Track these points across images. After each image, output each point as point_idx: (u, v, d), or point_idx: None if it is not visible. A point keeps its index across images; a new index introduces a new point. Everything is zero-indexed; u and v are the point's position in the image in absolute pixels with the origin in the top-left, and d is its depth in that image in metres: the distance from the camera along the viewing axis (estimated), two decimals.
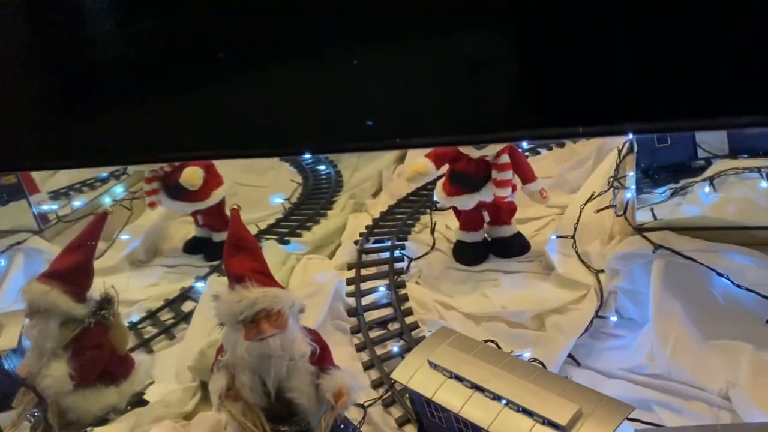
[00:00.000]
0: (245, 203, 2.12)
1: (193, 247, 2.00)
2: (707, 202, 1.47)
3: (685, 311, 1.26)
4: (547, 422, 0.92)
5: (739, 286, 1.23)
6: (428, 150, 1.60)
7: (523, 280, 1.58)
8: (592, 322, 1.34)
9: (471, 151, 1.53)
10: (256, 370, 1.08)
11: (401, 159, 2.37)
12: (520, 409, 0.96)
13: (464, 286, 1.61)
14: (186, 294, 1.73)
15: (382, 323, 1.48)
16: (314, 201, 2.15)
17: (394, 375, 1.13)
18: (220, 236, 1.96)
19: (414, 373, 1.10)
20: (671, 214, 1.39)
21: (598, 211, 1.57)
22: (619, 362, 1.26)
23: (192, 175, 1.76)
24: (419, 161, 1.57)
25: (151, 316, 1.67)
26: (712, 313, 1.26)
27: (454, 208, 1.71)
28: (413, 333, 1.43)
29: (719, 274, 1.25)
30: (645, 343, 1.26)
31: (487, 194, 1.58)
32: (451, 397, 1.03)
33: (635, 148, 1.69)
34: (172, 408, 1.31)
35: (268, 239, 1.88)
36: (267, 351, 1.05)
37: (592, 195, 1.62)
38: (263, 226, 2.02)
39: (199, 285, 1.74)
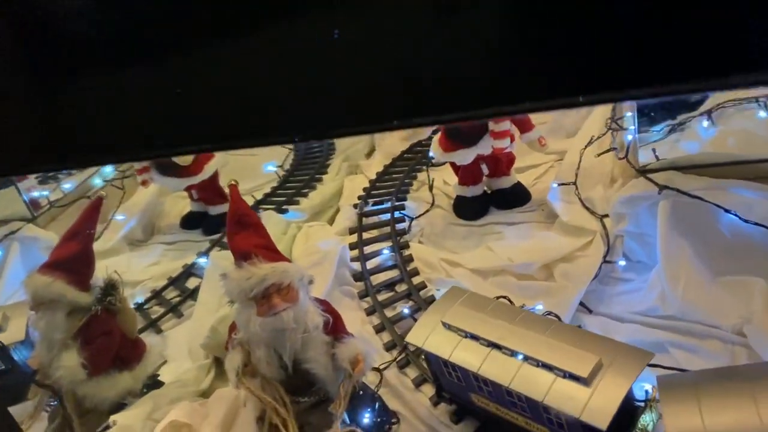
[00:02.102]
0: (238, 174, 2.08)
1: (190, 222, 1.98)
2: (706, 136, 1.45)
3: (694, 250, 1.25)
4: (568, 375, 0.92)
5: (746, 221, 1.23)
6: None
7: (527, 231, 1.57)
8: (600, 268, 1.34)
9: None
10: (271, 345, 1.08)
11: None
12: (540, 364, 0.96)
13: (468, 242, 1.60)
14: (189, 271, 1.72)
15: (389, 285, 1.48)
16: (308, 166, 2.12)
17: (409, 338, 1.12)
18: (217, 209, 1.94)
19: (429, 335, 1.09)
20: (672, 153, 1.37)
21: (599, 155, 1.55)
22: (630, 306, 1.27)
23: None
24: None
25: (156, 295, 1.66)
26: (721, 250, 1.25)
27: (452, 164, 1.69)
28: (421, 293, 1.42)
29: (726, 211, 1.24)
30: (655, 285, 1.26)
31: (485, 147, 1.56)
32: (468, 357, 1.03)
33: None
34: (189, 387, 1.31)
35: (266, 209, 1.86)
36: (280, 325, 1.05)
37: (591, 139, 1.60)
38: (259, 195, 2.00)
39: (202, 261, 1.72)
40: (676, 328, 1.18)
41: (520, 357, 0.98)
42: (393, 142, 2.14)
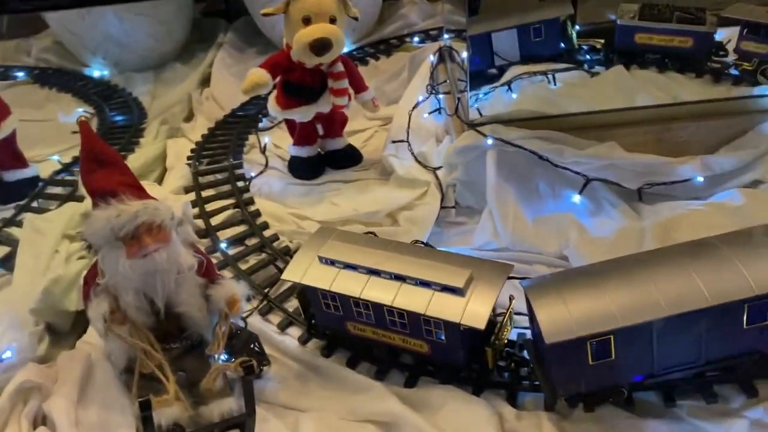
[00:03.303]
0: (35, 141, 1.89)
1: None
2: (505, 105, 1.66)
3: (517, 192, 1.44)
4: (445, 288, 1.02)
5: (557, 166, 1.45)
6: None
7: (365, 186, 1.65)
8: (438, 213, 1.47)
9: (306, 60, 1.53)
10: (141, 289, 1.02)
11: (206, 82, 2.27)
12: (418, 282, 1.04)
13: (309, 198, 1.64)
14: None
15: (239, 240, 1.46)
16: (119, 131, 1.97)
17: (286, 275, 1.14)
18: (13, 175, 1.72)
19: (306, 270, 1.12)
20: (490, 111, 1.56)
21: (430, 113, 1.69)
22: (469, 243, 1.42)
23: None
24: (255, 71, 1.53)
25: None
26: (539, 191, 1.46)
27: (288, 124, 1.71)
28: (275, 245, 1.43)
29: (541, 157, 1.45)
30: (487, 225, 1.43)
31: (325, 104, 1.61)
32: (349, 285, 1.08)
33: (447, 58, 1.84)
34: (23, 354, 1.17)
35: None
36: (153, 266, 1.00)
37: (418, 102, 1.74)
38: (67, 159, 1.81)
39: (7, 230, 1.52)
40: (509, 257, 1.35)
41: (401, 279, 1.05)
42: (211, 107, 2.09)
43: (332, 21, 1.50)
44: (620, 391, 0.99)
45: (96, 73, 2.38)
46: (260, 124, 1.94)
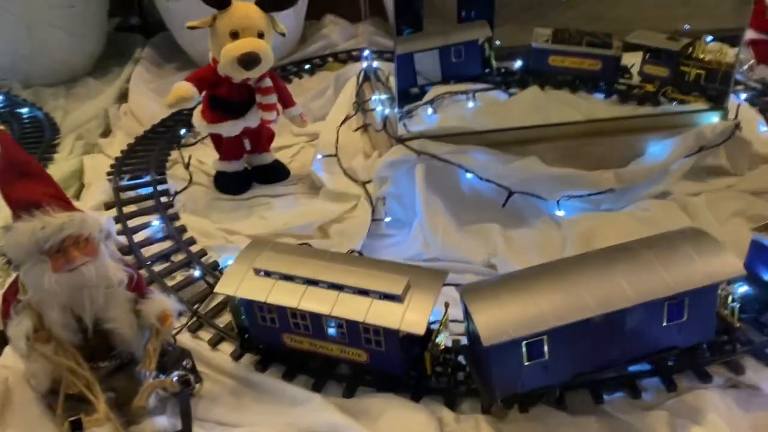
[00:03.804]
0: None
1: None
2: (430, 122, 1.71)
3: (445, 204, 1.48)
4: (383, 296, 1.03)
5: (482, 179, 1.50)
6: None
7: (294, 201, 1.65)
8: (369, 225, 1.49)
9: (234, 75, 1.52)
10: (68, 305, 0.97)
11: (123, 97, 2.20)
12: (357, 291, 1.05)
13: (237, 213, 1.61)
14: None
15: (165, 256, 1.42)
16: (29, 147, 1.88)
17: (219, 288, 1.12)
18: None
19: (240, 283, 1.10)
20: (417, 127, 1.59)
21: (356, 130, 1.71)
22: (400, 254, 1.43)
23: None
24: (180, 85, 1.49)
25: None
26: (465, 203, 1.50)
27: (214, 139, 1.69)
28: (203, 260, 1.40)
29: (467, 171, 1.50)
30: (418, 236, 1.46)
31: (253, 119, 1.60)
32: (286, 296, 1.07)
33: (372, 77, 1.88)
34: None
35: None
36: (80, 281, 0.96)
37: (346, 117, 1.76)
38: None
39: None
40: (441, 267, 1.38)
41: (339, 288, 1.05)
42: (130, 123, 2.02)
43: (260, 36, 1.50)
44: (552, 390, 1.03)
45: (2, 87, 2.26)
46: (183, 140, 1.90)
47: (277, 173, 1.75)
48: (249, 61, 1.46)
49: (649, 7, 1.69)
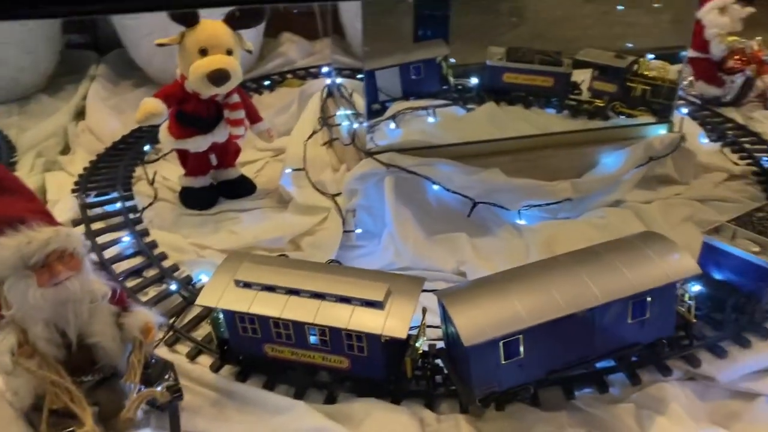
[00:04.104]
0: None
1: None
2: (393, 137, 1.77)
3: (414, 215, 1.53)
4: (365, 303, 1.07)
5: (448, 190, 1.56)
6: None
7: (263, 215, 1.67)
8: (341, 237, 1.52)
9: (203, 91, 1.53)
10: (52, 320, 0.97)
11: (80, 115, 2.18)
12: (338, 299, 1.08)
13: (206, 228, 1.62)
14: None
15: (137, 272, 1.42)
16: None
17: (200, 301, 1.13)
18: None
19: (222, 295, 1.12)
20: (384, 140, 1.64)
21: (324, 144, 1.75)
22: (372, 264, 1.47)
23: None
24: (149, 101, 1.50)
25: None
26: (433, 213, 1.56)
27: (180, 155, 1.69)
28: (175, 274, 1.41)
29: (434, 182, 1.55)
30: (389, 246, 1.50)
31: (221, 134, 1.61)
32: (268, 307, 1.10)
33: (336, 93, 1.92)
34: None
35: None
36: (65, 295, 0.96)
37: (313, 132, 1.79)
38: None
39: None
40: (413, 276, 1.43)
41: (321, 296, 1.08)
42: (90, 140, 2.00)
43: (229, 53, 1.52)
44: (527, 388, 1.09)
45: None
46: (146, 156, 1.89)
47: (243, 188, 1.77)
48: (219, 77, 1.48)
49: (593, 27, 1.79)
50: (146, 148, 1.91)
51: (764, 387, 1.14)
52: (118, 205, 1.61)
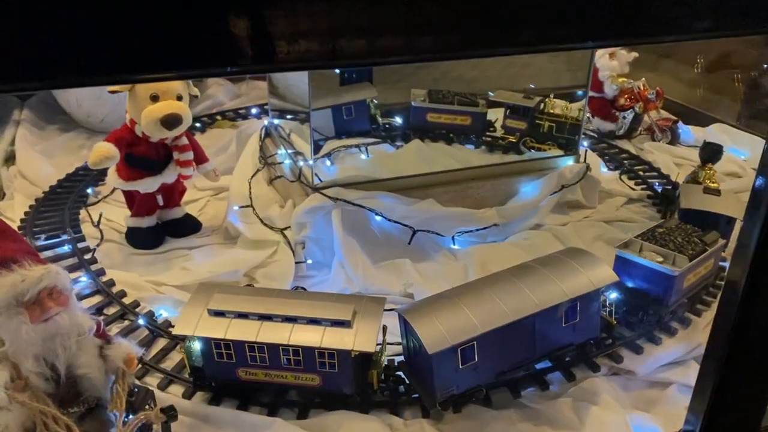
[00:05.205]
0: None
1: None
2: (330, 173, 1.90)
3: (360, 244, 1.66)
4: (334, 323, 1.18)
5: (390, 220, 1.70)
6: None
7: (212, 251, 1.74)
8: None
9: (155, 134, 1.60)
10: (42, 354, 1.02)
11: (10, 160, 2.16)
12: (309, 320, 1.19)
13: (156, 267, 1.67)
14: None
15: (98, 311, 1.45)
16: None
17: (177, 330, 1.20)
18: None
19: (197, 323, 1.19)
20: (328, 177, 1.77)
21: (271, 181, 1.84)
22: (326, 291, 1.58)
23: None
24: (102, 146, 1.56)
25: None
26: (377, 242, 1.69)
27: (126, 196, 1.74)
28: (137, 310, 1.45)
29: (377, 213, 1.69)
30: (339, 273, 1.61)
31: (170, 175, 1.68)
32: (243, 332, 1.18)
33: (274, 133, 2.03)
34: None
35: None
36: (55, 329, 1.01)
37: (257, 171, 1.89)
38: None
39: None
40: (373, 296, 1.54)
41: (292, 320, 1.18)
42: (25, 184, 2.00)
43: (178, 98, 1.61)
44: (480, 390, 1.22)
45: None
46: (87, 199, 1.92)
47: (188, 226, 1.83)
48: (172, 121, 1.56)
49: (498, 69, 2.02)
50: (89, 190, 1.93)
51: (675, 376, 1.34)
52: (69, 246, 1.63)
